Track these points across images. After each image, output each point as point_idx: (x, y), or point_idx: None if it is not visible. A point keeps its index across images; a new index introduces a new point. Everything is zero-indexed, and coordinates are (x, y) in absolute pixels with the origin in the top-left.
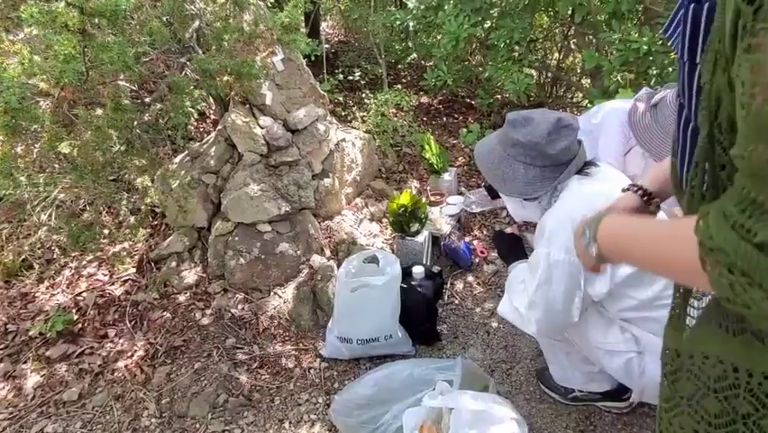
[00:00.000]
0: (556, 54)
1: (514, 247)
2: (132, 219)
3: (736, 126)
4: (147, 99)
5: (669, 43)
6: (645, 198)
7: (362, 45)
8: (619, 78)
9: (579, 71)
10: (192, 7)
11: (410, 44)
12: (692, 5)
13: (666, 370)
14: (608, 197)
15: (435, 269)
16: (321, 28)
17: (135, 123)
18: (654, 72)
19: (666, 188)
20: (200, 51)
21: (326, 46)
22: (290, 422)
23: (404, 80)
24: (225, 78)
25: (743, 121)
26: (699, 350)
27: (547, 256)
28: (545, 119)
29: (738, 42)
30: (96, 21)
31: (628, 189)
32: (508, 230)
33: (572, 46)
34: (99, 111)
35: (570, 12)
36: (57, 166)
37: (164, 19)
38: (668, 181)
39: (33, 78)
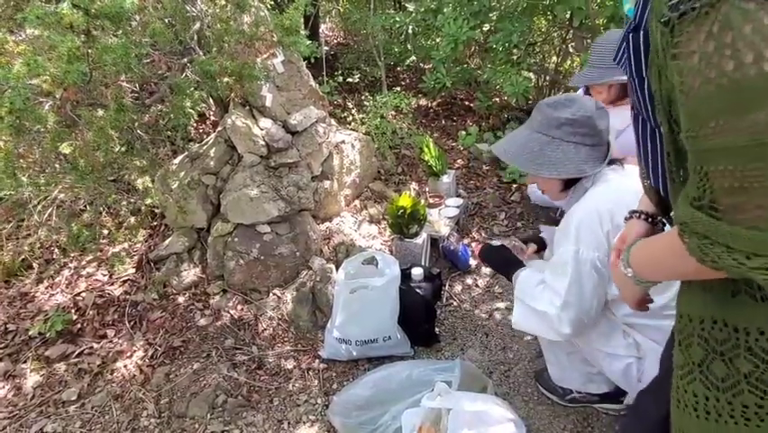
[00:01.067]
0: (554, 57)
1: (506, 257)
2: (131, 220)
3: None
4: (147, 100)
5: (620, 67)
6: (651, 221)
7: (361, 47)
8: None
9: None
10: (193, 9)
11: (409, 47)
12: (631, 34)
13: (680, 337)
14: (637, 193)
15: (434, 270)
16: (320, 30)
17: (136, 123)
18: None
19: None
20: (201, 53)
21: (326, 48)
22: (289, 423)
23: (403, 83)
24: (226, 79)
25: (683, 108)
26: (707, 314)
27: (576, 254)
28: (584, 98)
29: (666, 54)
30: (100, 22)
31: (631, 217)
32: (494, 242)
33: (570, 50)
34: (101, 112)
35: (568, 15)
36: (57, 166)
37: (166, 20)
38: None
39: (37, 79)
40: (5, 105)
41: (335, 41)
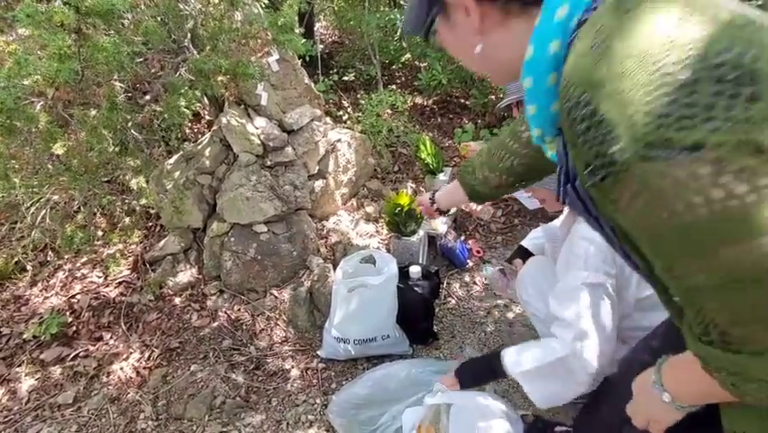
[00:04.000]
0: None
1: (480, 365)
2: (126, 221)
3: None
4: (141, 100)
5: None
6: None
7: (356, 46)
8: None
9: None
10: (186, 7)
11: (404, 44)
12: (570, 186)
13: None
14: None
15: (432, 268)
16: (315, 28)
17: (130, 123)
18: None
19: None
20: (195, 52)
21: (320, 47)
22: (288, 423)
23: (398, 81)
24: (220, 78)
25: (647, 253)
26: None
27: (587, 279)
28: None
29: (607, 208)
30: (91, 20)
31: None
32: (463, 360)
33: None
34: (94, 111)
35: None
36: (50, 167)
37: (159, 19)
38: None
39: (28, 79)
40: None
41: (330, 39)
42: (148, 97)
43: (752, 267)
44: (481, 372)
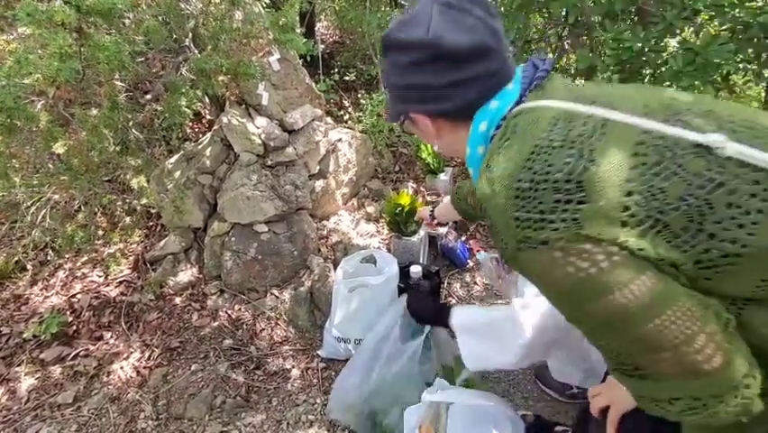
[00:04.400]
0: (550, 54)
1: (435, 306)
2: (127, 220)
3: None
4: (142, 99)
5: None
6: None
7: (357, 45)
8: (613, 78)
9: (573, 71)
10: (188, 6)
11: None
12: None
13: None
14: None
15: (433, 268)
16: (316, 28)
17: (131, 123)
18: (648, 72)
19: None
20: (196, 51)
21: (321, 46)
22: (288, 423)
23: None
24: (221, 77)
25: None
26: None
27: None
28: None
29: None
30: (92, 19)
31: None
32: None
33: (566, 46)
34: (95, 111)
35: (564, 13)
36: (51, 166)
37: (160, 18)
38: None
39: (29, 78)
40: None
41: (331, 39)
42: (149, 97)
43: (608, 315)
44: (428, 310)
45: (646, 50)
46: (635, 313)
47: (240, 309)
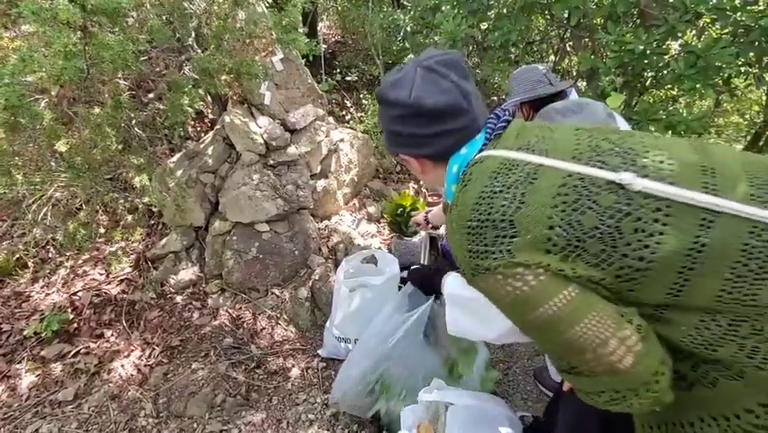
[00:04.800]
0: (552, 56)
1: (431, 273)
2: (129, 218)
3: None
4: (145, 98)
5: None
6: None
7: (359, 45)
8: (616, 80)
9: (574, 73)
10: (191, 6)
11: (407, 44)
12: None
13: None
14: None
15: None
16: (318, 28)
17: (133, 121)
18: (650, 74)
19: None
20: (199, 51)
21: (324, 46)
22: (288, 422)
23: None
24: (224, 77)
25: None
26: (663, 419)
27: None
28: (595, 104)
29: None
30: (97, 18)
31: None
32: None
33: (568, 48)
34: (98, 109)
35: (566, 14)
36: (53, 164)
37: (164, 18)
38: None
39: (33, 76)
40: (0, 101)
41: (333, 39)
42: (152, 96)
43: (541, 324)
44: (427, 280)
45: (648, 52)
46: (559, 320)
47: (241, 308)
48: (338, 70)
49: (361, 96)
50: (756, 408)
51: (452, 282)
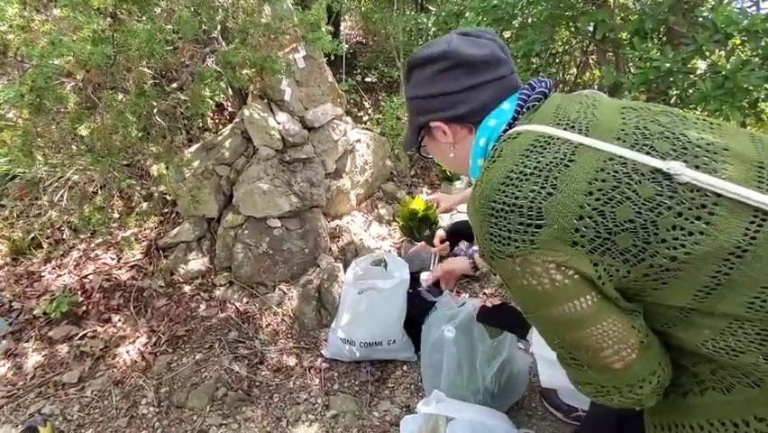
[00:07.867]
0: (574, 69)
1: (510, 319)
2: (144, 205)
3: None
4: (168, 87)
5: None
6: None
7: (380, 47)
8: (640, 97)
9: (596, 88)
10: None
11: None
12: None
13: None
14: None
15: None
16: (341, 28)
17: (155, 110)
18: (675, 93)
19: None
20: (224, 44)
21: (345, 46)
22: (288, 421)
23: None
24: (246, 71)
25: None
26: (672, 420)
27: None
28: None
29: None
30: (127, 6)
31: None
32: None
33: (591, 62)
34: (121, 96)
35: (591, 28)
36: (74, 147)
37: (192, 9)
38: None
39: (60, 59)
40: (27, 82)
41: (354, 39)
42: (174, 85)
43: (552, 319)
44: (505, 318)
45: (674, 70)
46: (573, 321)
47: (247, 302)
48: (358, 71)
49: (380, 97)
50: None
51: (539, 341)
